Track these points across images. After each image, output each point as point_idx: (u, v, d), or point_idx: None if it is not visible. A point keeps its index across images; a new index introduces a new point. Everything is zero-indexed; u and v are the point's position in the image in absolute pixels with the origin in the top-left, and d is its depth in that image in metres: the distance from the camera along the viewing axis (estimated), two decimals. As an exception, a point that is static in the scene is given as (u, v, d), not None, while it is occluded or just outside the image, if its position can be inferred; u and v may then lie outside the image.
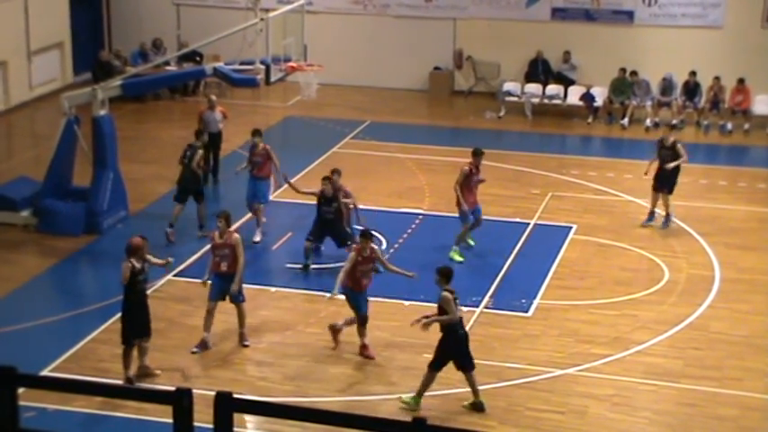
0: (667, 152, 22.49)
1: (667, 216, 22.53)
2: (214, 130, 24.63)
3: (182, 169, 21.91)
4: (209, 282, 17.34)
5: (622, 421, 15.52)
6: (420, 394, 15.63)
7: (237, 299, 17.37)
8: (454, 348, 15.49)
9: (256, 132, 22.20)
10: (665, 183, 22.49)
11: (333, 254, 20.35)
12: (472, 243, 21.31)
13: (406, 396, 15.74)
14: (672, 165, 22.34)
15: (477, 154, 21.03)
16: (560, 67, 31.92)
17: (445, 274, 15.73)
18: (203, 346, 17.21)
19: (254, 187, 22.00)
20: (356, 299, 17.11)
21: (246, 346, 17.36)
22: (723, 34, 31.12)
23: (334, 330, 17.40)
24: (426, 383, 15.59)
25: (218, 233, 17.28)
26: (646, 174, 22.71)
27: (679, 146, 22.59)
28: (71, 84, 32.19)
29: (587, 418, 15.56)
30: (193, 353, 17.10)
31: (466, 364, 15.57)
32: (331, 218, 20.10)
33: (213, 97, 25.31)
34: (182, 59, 30.67)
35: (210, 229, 19.10)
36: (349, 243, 19.67)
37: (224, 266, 17.17)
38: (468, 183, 20.86)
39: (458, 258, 20.69)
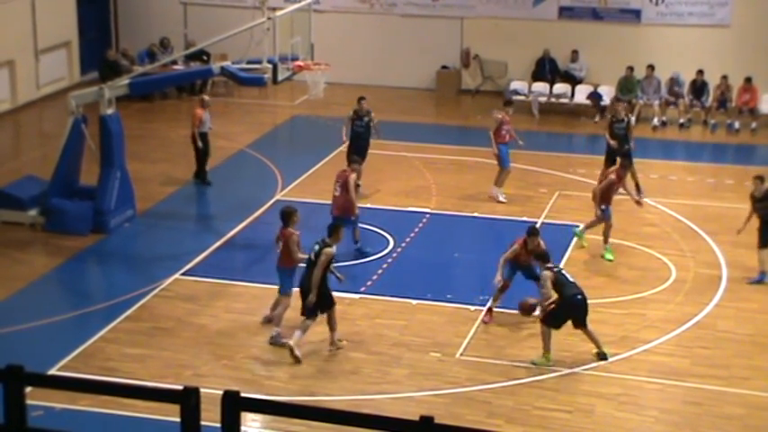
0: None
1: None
2: (207, 130, 24.71)
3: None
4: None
5: (629, 420, 15.51)
6: (548, 350, 16.79)
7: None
8: (569, 312, 16.87)
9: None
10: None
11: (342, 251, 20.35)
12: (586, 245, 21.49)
13: (536, 359, 16.82)
14: None
15: (626, 165, 21.41)
16: (567, 65, 31.92)
17: (538, 257, 17.42)
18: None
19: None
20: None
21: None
22: (730, 33, 31.09)
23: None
24: (546, 339, 16.83)
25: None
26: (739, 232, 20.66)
27: None
28: (78, 83, 32.26)
29: (594, 416, 15.55)
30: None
31: (581, 324, 16.98)
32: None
33: (206, 97, 25.37)
34: (189, 58, 30.69)
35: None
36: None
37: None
38: (608, 190, 21.05)
39: (609, 257, 21.15)
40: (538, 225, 22.32)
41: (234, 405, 7.26)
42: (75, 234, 21.61)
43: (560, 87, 31.55)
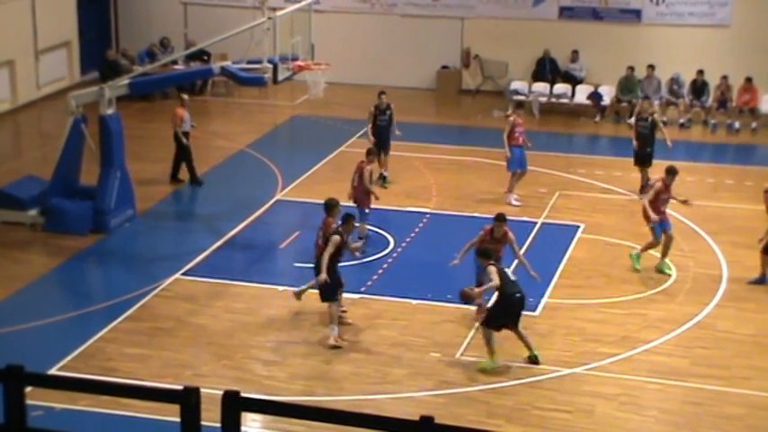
0: None
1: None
2: (189, 129, 24.72)
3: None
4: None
5: (629, 420, 15.50)
6: (493, 351, 16.59)
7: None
8: (508, 311, 16.71)
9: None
10: None
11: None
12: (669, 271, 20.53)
13: (482, 362, 16.64)
14: None
15: (671, 173, 20.42)
16: (568, 65, 31.92)
17: (482, 253, 17.46)
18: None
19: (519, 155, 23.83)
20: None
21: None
22: (730, 33, 31.09)
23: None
24: (489, 342, 16.65)
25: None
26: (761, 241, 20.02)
27: None
28: (78, 83, 32.26)
29: (594, 417, 15.54)
30: None
31: (513, 324, 16.82)
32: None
33: (185, 96, 25.30)
34: (189, 58, 30.69)
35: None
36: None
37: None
38: (656, 199, 20.30)
39: (637, 267, 20.33)
40: (538, 225, 22.40)
41: (234, 405, 7.26)
42: (75, 234, 21.61)
43: (561, 87, 31.56)
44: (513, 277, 16.88)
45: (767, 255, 19.98)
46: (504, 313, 16.74)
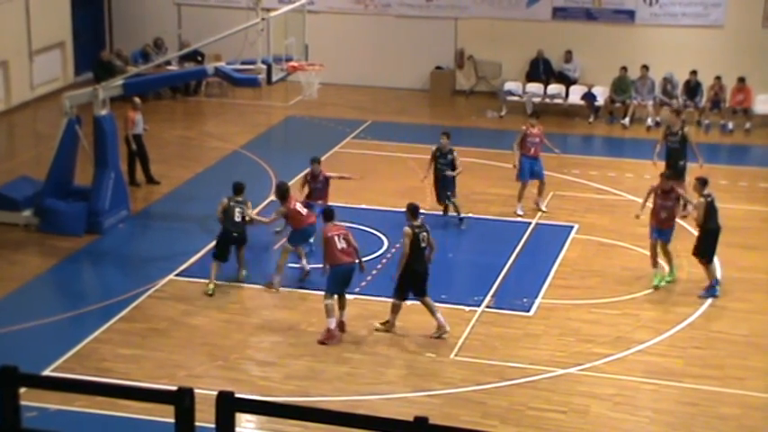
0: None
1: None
2: (141, 132, 24.62)
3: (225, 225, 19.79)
4: None
5: (624, 420, 15.52)
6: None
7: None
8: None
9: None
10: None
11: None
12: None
13: None
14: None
15: (666, 176, 20.09)
16: (561, 66, 31.92)
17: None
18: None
19: None
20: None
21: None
22: (724, 34, 31.10)
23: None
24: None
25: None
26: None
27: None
28: (72, 83, 32.19)
29: (589, 417, 15.56)
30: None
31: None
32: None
33: (137, 99, 25.05)
34: (183, 59, 30.66)
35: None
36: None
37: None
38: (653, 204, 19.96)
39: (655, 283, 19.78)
40: (532, 225, 22.39)
41: (228, 406, 7.25)
42: (70, 235, 21.60)
43: (554, 88, 31.55)
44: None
45: (702, 258, 19.63)
46: None
